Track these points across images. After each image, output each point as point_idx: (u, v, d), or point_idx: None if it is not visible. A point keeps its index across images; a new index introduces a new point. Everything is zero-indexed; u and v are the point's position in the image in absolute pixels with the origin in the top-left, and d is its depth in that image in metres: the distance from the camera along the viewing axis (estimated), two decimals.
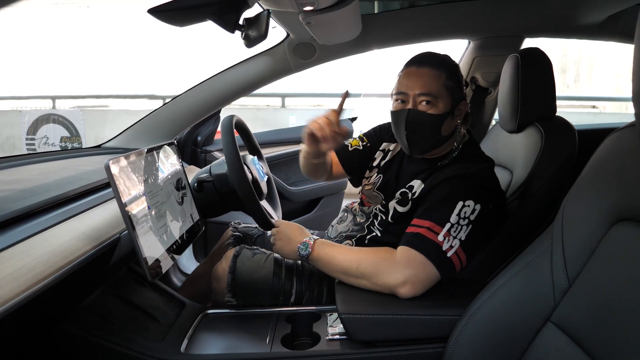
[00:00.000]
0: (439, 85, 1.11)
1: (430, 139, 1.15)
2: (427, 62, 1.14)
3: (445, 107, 1.13)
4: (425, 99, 1.11)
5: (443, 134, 1.15)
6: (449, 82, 1.13)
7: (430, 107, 1.12)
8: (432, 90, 1.11)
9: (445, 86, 1.12)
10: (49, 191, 1.08)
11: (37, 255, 0.78)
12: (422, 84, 1.11)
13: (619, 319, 0.70)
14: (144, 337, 1.03)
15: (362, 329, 1.00)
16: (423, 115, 1.12)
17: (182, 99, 1.78)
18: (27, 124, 5.78)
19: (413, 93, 1.12)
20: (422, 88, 1.11)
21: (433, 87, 1.11)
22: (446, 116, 1.13)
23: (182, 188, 1.20)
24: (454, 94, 1.14)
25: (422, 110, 1.12)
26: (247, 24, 1.13)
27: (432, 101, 1.11)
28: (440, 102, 1.12)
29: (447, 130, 1.16)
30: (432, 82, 1.11)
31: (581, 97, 7.57)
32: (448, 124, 1.15)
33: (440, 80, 1.12)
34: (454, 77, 1.15)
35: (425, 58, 1.16)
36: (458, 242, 1.04)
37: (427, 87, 1.11)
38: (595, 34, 1.76)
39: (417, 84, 1.12)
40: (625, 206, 0.74)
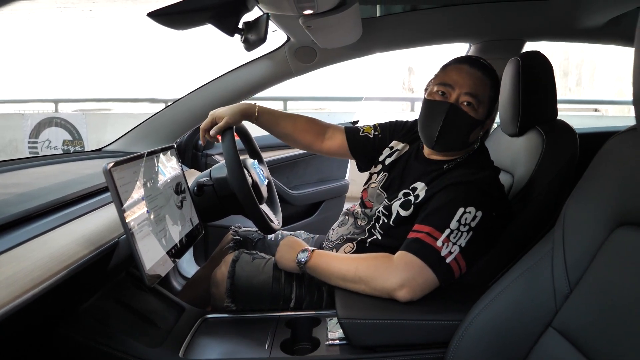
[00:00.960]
0: (485, 92, 1.13)
1: (458, 140, 1.16)
2: (480, 66, 1.15)
3: (483, 114, 1.15)
4: (469, 100, 1.12)
5: (470, 140, 1.17)
6: (492, 92, 1.15)
7: (471, 110, 1.12)
8: (479, 94, 1.12)
9: (489, 95, 1.14)
10: (47, 195, 1.07)
11: (34, 260, 0.78)
12: (472, 85, 1.12)
13: (621, 324, 0.69)
14: (143, 342, 1.02)
15: (362, 334, 1.00)
16: (464, 114, 1.12)
17: (182, 102, 1.78)
18: (30, 127, 5.78)
19: (460, 90, 1.12)
20: (471, 88, 1.12)
21: (480, 90, 1.12)
22: (479, 124, 1.15)
23: (181, 192, 1.19)
24: (491, 106, 1.16)
25: (464, 109, 1.12)
26: (247, 27, 1.13)
27: (474, 104, 1.12)
28: (481, 108, 1.13)
29: (474, 137, 1.18)
30: (480, 86, 1.12)
31: (583, 101, 7.57)
32: (476, 132, 1.17)
33: (487, 87, 1.14)
34: (496, 90, 1.17)
35: (479, 62, 1.16)
36: (458, 248, 1.03)
37: (475, 89, 1.12)
38: (595, 37, 1.76)
39: (467, 83, 1.12)
40: (627, 210, 0.73)
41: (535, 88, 1.33)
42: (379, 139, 1.41)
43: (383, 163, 1.36)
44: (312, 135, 1.45)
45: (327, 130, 1.46)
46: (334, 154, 1.47)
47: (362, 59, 1.85)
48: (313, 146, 1.46)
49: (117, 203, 0.90)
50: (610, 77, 8.16)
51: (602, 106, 6.76)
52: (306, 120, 1.45)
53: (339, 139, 1.45)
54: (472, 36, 1.84)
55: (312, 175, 2.37)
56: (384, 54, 1.86)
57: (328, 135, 1.46)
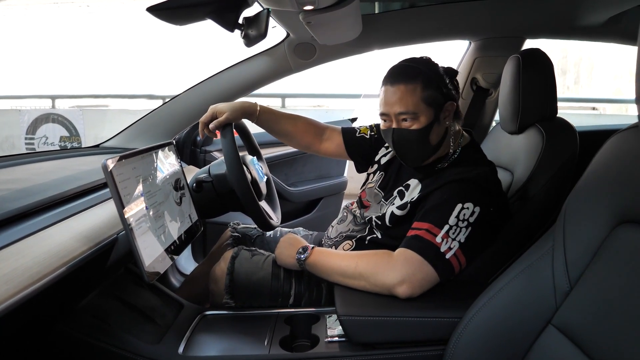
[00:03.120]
0: (415, 100, 1.10)
1: (420, 152, 1.16)
2: (399, 77, 1.12)
3: (428, 118, 1.12)
4: (404, 117, 1.11)
5: (432, 143, 1.15)
6: (425, 92, 1.11)
7: (412, 123, 1.11)
8: (410, 108, 1.10)
9: (422, 99, 1.10)
10: (46, 191, 1.07)
11: (33, 256, 0.77)
12: (399, 102, 1.10)
13: (621, 321, 0.69)
14: (141, 339, 1.02)
15: (361, 331, 0.99)
16: (406, 132, 1.12)
17: (181, 98, 1.77)
18: (27, 123, 5.76)
19: (393, 112, 1.12)
20: (400, 107, 1.10)
21: (410, 103, 1.10)
22: (431, 126, 1.12)
23: (180, 188, 1.19)
24: (435, 102, 1.12)
25: (405, 128, 1.12)
26: (247, 23, 1.12)
27: (411, 117, 1.11)
28: (421, 116, 1.11)
29: (436, 137, 1.15)
30: (409, 99, 1.10)
31: (581, 99, 7.55)
32: (436, 131, 1.14)
33: (415, 94, 1.10)
34: (432, 85, 1.11)
35: (398, 73, 1.14)
36: (457, 244, 1.03)
37: (404, 105, 1.10)
38: (596, 35, 1.76)
39: (395, 103, 1.11)
40: (628, 208, 0.73)
41: (535, 86, 1.33)
42: (376, 140, 1.41)
43: (379, 162, 1.37)
44: (311, 136, 1.45)
45: (325, 131, 1.47)
46: (331, 154, 1.47)
47: (362, 56, 1.84)
48: (311, 147, 1.47)
49: (116, 199, 0.89)
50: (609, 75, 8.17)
51: (600, 104, 6.76)
52: (306, 121, 1.45)
53: (337, 140, 1.45)
54: (472, 33, 1.83)
55: (311, 172, 2.37)
56: (384, 51, 1.85)
57: (326, 136, 1.46)
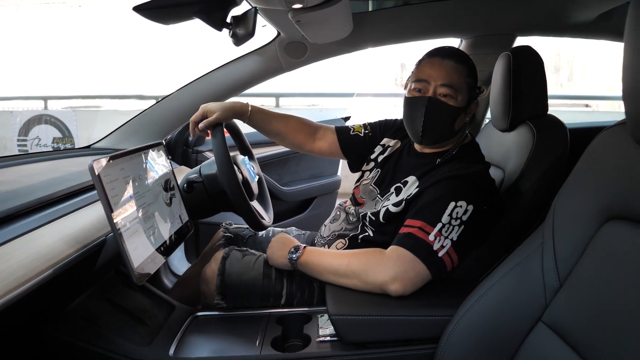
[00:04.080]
0: (460, 80, 1.14)
1: (444, 130, 1.17)
2: (451, 55, 1.15)
3: (463, 101, 1.15)
4: (446, 91, 1.13)
5: (455, 128, 1.18)
6: (469, 78, 1.15)
7: (450, 99, 1.13)
8: (454, 83, 1.13)
9: (466, 82, 1.15)
10: (34, 192, 1.06)
11: (18, 259, 0.77)
12: (446, 75, 1.13)
13: (610, 318, 0.69)
14: (132, 341, 1.01)
15: (352, 330, 0.99)
16: (443, 105, 1.13)
17: (172, 98, 1.76)
18: (19, 124, 5.72)
19: (435, 83, 1.14)
20: (445, 79, 1.13)
21: (455, 80, 1.13)
22: (461, 111, 1.16)
23: (170, 189, 1.18)
24: (471, 91, 1.17)
25: (442, 101, 1.13)
26: (235, 22, 1.12)
27: (452, 94, 1.13)
28: (459, 96, 1.14)
29: (459, 125, 1.18)
30: (455, 75, 1.13)
31: (574, 96, 7.58)
32: (461, 119, 1.18)
33: (462, 75, 1.14)
34: (473, 75, 1.17)
35: (450, 51, 1.17)
36: (450, 242, 1.03)
37: (450, 79, 1.13)
38: (586, 32, 1.76)
39: (440, 75, 1.13)
40: (616, 205, 0.74)
41: (526, 83, 1.33)
42: (370, 138, 1.41)
43: (375, 160, 1.36)
44: (303, 136, 1.44)
45: (318, 130, 1.46)
46: (325, 154, 1.47)
47: (355, 55, 1.84)
48: (304, 146, 1.46)
49: (104, 200, 0.88)
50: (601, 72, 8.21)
51: (593, 101, 6.79)
52: (298, 120, 1.45)
53: (330, 138, 1.44)
54: (463, 31, 1.83)
55: (304, 171, 2.36)
56: (377, 50, 1.85)
57: (319, 135, 1.46)
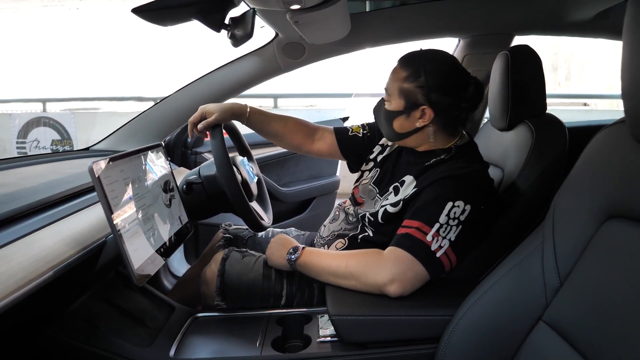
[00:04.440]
0: (395, 85, 1.16)
1: (385, 130, 1.24)
2: (401, 59, 1.19)
3: (397, 106, 1.17)
4: (385, 94, 1.20)
5: (397, 131, 1.20)
6: (405, 83, 1.14)
7: (387, 103, 1.19)
8: (388, 88, 1.19)
9: (400, 87, 1.15)
10: (34, 195, 1.06)
11: (19, 261, 0.77)
12: (388, 80, 1.19)
13: (611, 316, 0.69)
14: (132, 343, 1.01)
15: (353, 330, 0.99)
16: (379, 104, 1.23)
17: (170, 100, 1.76)
18: (18, 127, 5.71)
19: (384, 86, 1.21)
20: (386, 83, 1.20)
21: (390, 84, 1.18)
22: (397, 114, 1.17)
23: (169, 190, 1.18)
24: (409, 97, 1.14)
25: (381, 102, 1.22)
26: (233, 23, 1.12)
27: (386, 97, 1.19)
28: (392, 100, 1.18)
29: (400, 128, 1.19)
30: (391, 80, 1.18)
31: (572, 95, 7.59)
32: (399, 122, 1.18)
33: (397, 80, 1.16)
34: (417, 80, 1.12)
35: (405, 55, 1.20)
36: (447, 242, 1.03)
37: (387, 84, 1.19)
38: (584, 31, 1.76)
39: (388, 78, 1.20)
40: (616, 203, 0.74)
41: (524, 82, 1.33)
42: (368, 138, 1.41)
43: (375, 160, 1.36)
44: (302, 137, 1.45)
45: (317, 131, 1.46)
46: (324, 154, 1.47)
47: (354, 55, 1.84)
48: (303, 147, 1.46)
49: (104, 202, 0.88)
50: (600, 71, 8.22)
51: (592, 100, 6.80)
52: (296, 121, 1.45)
53: (329, 139, 1.45)
54: (461, 31, 1.83)
55: (303, 172, 2.36)
56: (375, 50, 1.85)
57: (317, 136, 1.46)
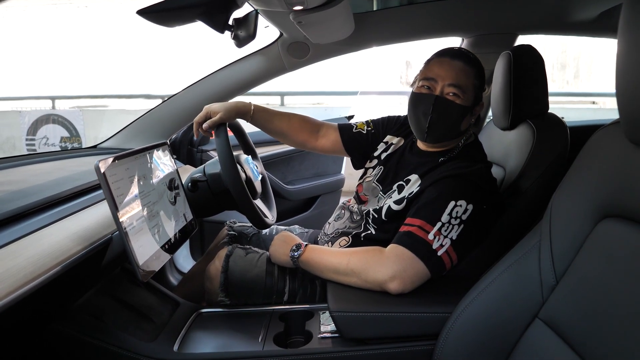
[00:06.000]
0: (468, 81, 1.16)
1: (449, 129, 1.19)
2: (461, 56, 1.18)
3: (469, 101, 1.17)
4: (453, 90, 1.16)
5: (462, 128, 1.20)
6: (476, 80, 1.18)
7: (457, 99, 1.16)
8: (462, 84, 1.16)
9: (473, 83, 1.17)
10: (41, 192, 1.08)
11: (27, 256, 0.79)
12: (455, 76, 1.16)
13: (605, 314, 0.70)
14: (137, 337, 1.03)
15: (353, 326, 1.01)
16: (451, 103, 1.16)
17: (177, 98, 1.78)
18: (27, 124, 5.78)
19: (443, 82, 1.16)
20: (454, 79, 1.15)
21: (463, 80, 1.16)
22: (468, 111, 1.18)
23: (174, 188, 1.20)
24: (477, 93, 1.19)
25: (450, 99, 1.16)
26: (237, 24, 1.13)
27: (459, 94, 1.16)
28: (466, 96, 1.16)
29: (465, 125, 1.20)
30: (462, 76, 1.16)
31: (581, 93, 7.55)
32: (467, 119, 1.20)
33: (470, 76, 1.17)
34: (480, 78, 1.19)
35: (460, 53, 1.20)
36: (449, 241, 1.04)
37: (458, 80, 1.15)
38: (588, 30, 1.76)
39: (449, 75, 1.16)
40: (611, 203, 0.74)
41: (527, 82, 1.34)
42: (373, 135, 1.42)
43: (379, 158, 1.37)
44: (306, 133, 1.46)
45: (321, 128, 1.47)
46: (328, 151, 1.48)
47: (360, 53, 1.85)
48: (307, 144, 1.47)
49: (110, 199, 0.90)
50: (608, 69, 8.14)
51: (600, 99, 6.75)
52: (300, 118, 1.46)
53: (333, 136, 1.46)
54: (465, 30, 1.84)
55: (308, 170, 2.38)
56: (382, 48, 1.86)
57: (322, 133, 1.47)
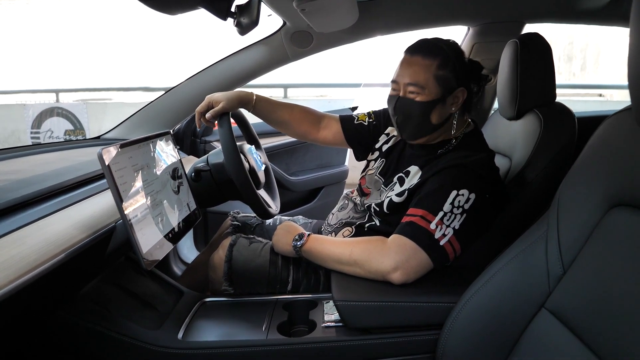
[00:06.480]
0: (427, 75, 1.12)
1: (418, 126, 1.17)
2: (419, 50, 1.15)
3: (434, 95, 1.13)
4: (411, 89, 1.14)
5: (433, 122, 1.16)
6: (440, 71, 1.12)
7: (417, 96, 1.13)
8: (419, 81, 1.13)
9: (435, 76, 1.12)
10: (45, 181, 1.08)
11: (31, 244, 0.79)
12: (411, 74, 1.13)
13: (612, 305, 0.69)
14: (142, 325, 1.03)
15: (357, 316, 1.00)
16: (410, 102, 1.14)
17: (179, 89, 1.77)
18: (32, 117, 5.80)
19: (403, 82, 1.15)
20: (410, 78, 1.13)
21: (421, 77, 1.13)
22: (434, 104, 1.14)
23: (178, 177, 1.20)
24: (445, 84, 1.13)
25: (409, 98, 1.14)
26: (239, 11, 1.12)
27: (418, 90, 1.13)
28: (426, 91, 1.13)
29: (437, 118, 1.16)
30: (420, 72, 1.13)
31: (587, 85, 7.48)
32: (438, 112, 1.15)
33: (429, 70, 1.12)
34: (448, 65, 1.13)
35: (419, 46, 1.16)
36: (452, 230, 1.04)
37: (414, 77, 1.13)
38: (597, 18, 1.73)
39: (406, 73, 1.14)
40: (621, 191, 0.73)
41: (534, 71, 1.32)
42: (374, 126, 1.41)
43: (380, 150, 1.37)
44: (307, 125, 1.45)
45: (323, 119, 1.47)
46: (329, 142, 1.47)
47: (364, 44, 1.83)
48: (309, 135, 1.47)
49: (113, 188, 0.90)
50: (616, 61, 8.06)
51: (607, 91, 6.69)
52: (302, 109, 1.45)
53: (335, 127, 1.45)
54: (471, 18, 1.81)
55: (312, 161, 2.37)
56: (386, 38, 1.84)
57: (323, 124, 1.46)
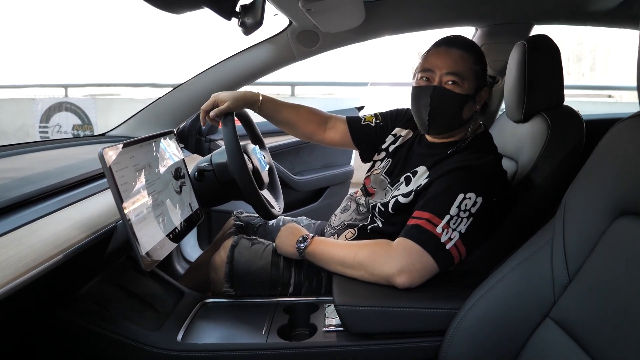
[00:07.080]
0: (466, 67, 1.13)
1: (451, 118, 1.16)
2: (457, 43, 1.15)
3: (470, 89, 1.14)
4: (452, 79, 1.12)
5: (463, 117, 1.16)
6: (476, 66, 1.14)
7: (456, 87, 1.13)
8: (460, 71, 1.12)
9: (473, 69, 1.13)
10: (46, 179, 1.07)
11: (29, 244, 0.78)
12: (451, 64, 1.12)
13: (618, 315, 0.68)
14: (141, 326, 1.03)
15: (358, 320, 0.99)
16: (449, 93, 1.13)
17: (185, 87, 1.77)
18: (40, 112, 5.84)
19: (440, 72, 1.13)
20: (451, 67, 1.12)
21: (461, 67, 1.12)
22: (469, 98, 1.14)
23: (180, 177, 1.19)
24: (479, 79, 1.15)
25: (447, 88, 1.13)
26: (244, 11, 1.11)
27: (458, 81, 1.12)
28: (466, 83, 1.13)
29: (467, 113, 1.17)
30: (460, 63, 1.13)
31: (597, 87, 7.40)
32: (469, 107, 1.16)
33: (468, 62, 1.13)
34: (481, 63, 1.16)
35: (456, 40, 1.17)
36: (458, 234, 1.02)
37: (455, 67, 1.12)
38: (607, 21, 1.71)
39: (446, 63, 1.13)
40: (629, 199, 0.71)
41: (542, 73, 1.30)
42: (381, 127, 1.40)
43: (387, 150, 1.35)
44: (314, 125, 1.44)
45: (329, 120, 1.45)
46: (336, 144, 1.46)
47: (372, 44, 1.82)
48: (315, 136, 1.46)
49: (113, 188, 0.89)
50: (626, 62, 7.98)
51: (617, 92, 6.62)
52: (308, 110, 1.44)
53: (341, 128, 1.44)
54: (479, 19, 1.79)
55: (317, 161, 2.36)
56: (394, 37, 1.82)
57: (330, 125, 1.45)
